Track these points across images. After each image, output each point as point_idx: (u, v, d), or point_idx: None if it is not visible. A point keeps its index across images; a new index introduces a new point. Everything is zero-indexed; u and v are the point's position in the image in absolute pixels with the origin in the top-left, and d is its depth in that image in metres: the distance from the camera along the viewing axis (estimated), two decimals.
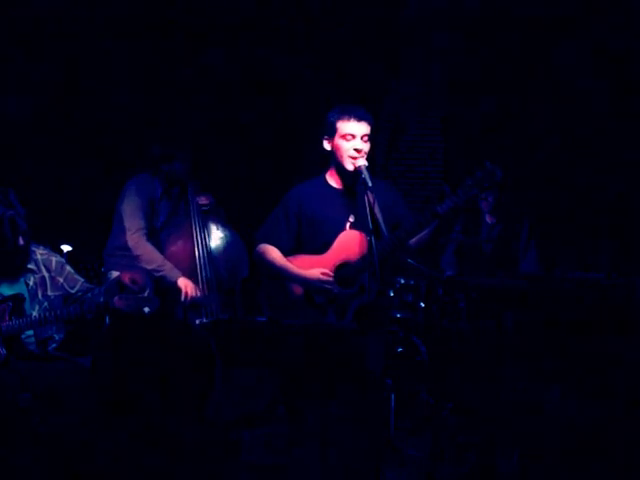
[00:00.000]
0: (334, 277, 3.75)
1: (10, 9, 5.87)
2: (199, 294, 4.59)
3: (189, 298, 4.55)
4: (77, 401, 3.86)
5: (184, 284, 4.56)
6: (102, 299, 3.95)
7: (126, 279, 3.97)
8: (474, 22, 6.74)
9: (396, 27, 6.94)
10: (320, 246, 3.80)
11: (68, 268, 4.13)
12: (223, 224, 4.88)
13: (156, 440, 4.23)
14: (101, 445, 3.98)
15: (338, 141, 3.79)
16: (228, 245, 4.84)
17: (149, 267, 4.57)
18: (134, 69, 6.21)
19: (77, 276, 4.15)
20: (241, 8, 6.43)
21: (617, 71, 6.30)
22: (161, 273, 4.57)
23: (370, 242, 3.59)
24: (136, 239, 4.63)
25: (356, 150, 3.75)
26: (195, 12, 6.32)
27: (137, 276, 4.01)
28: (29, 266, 4.02)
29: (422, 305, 5.32)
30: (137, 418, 4.32)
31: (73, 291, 4.09)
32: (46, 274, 4.05)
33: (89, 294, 4.07)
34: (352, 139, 3.76)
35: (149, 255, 4.61)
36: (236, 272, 4.81)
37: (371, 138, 3.81)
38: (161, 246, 4.72)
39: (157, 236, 4.75)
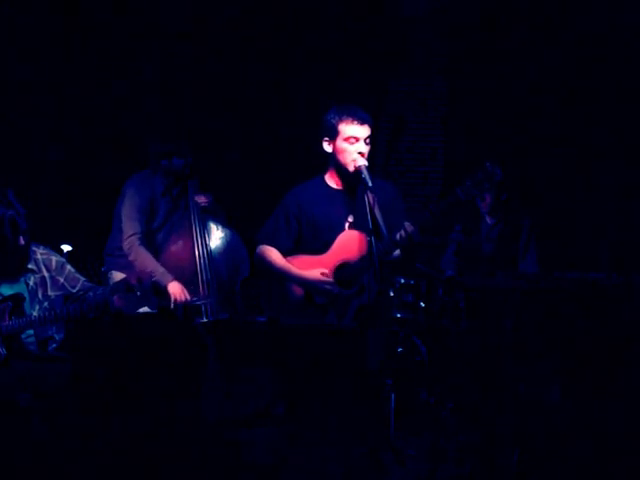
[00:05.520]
0: (334, 277, 3.74)
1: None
2: (189, 298, 4.57)
3: (178, 303, 4.53)
4: (75, 401, 3.87)
5: (173, 290, 4.54)
6: (105, 298, 3.95)
7: (133, 280, 3.97)
8: (474, 22, 6.74)
9: (396, 27, 6.94)
10: (320, 246, 3.80)
11: (69, 267, 4.13)
12: (223, 224, 4.88)
13: (155, 440, 4.23)
14: (100, 445, 3.98)
15: (341, 144, 3.78)
16: (228, 245, 4.84)
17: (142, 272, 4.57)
18: (133, 69, 6.21)
19: (78, 275, 4.14)
20: (241, 6, 6.43)
21: (618, 71, 6.30)
22: (154, 278, 4.57)
23: (370, 242, 3.59)
24: (130, 244, 4.62)
25: (360, 153, 3.75)
26: (193, 10, 6.32)
27: (144, 276, 4.03)
28: (29, 266, 4.02)
29: (422, 305, 5.32)
30: (136, 418, 4.32)
31: (74, 290, 4.09)
32: (46, 274, 4.05)
33: (90, 293, 4.07)
34: (355, 142, 3.76)
35: (142, 260, 4.60)
36: (236, 272, 4.81)
37: (372, 139, 3.81)
38: (158, 247, 4.71)
39: (156, 236, 4.75)
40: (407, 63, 7.13)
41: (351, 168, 3.77)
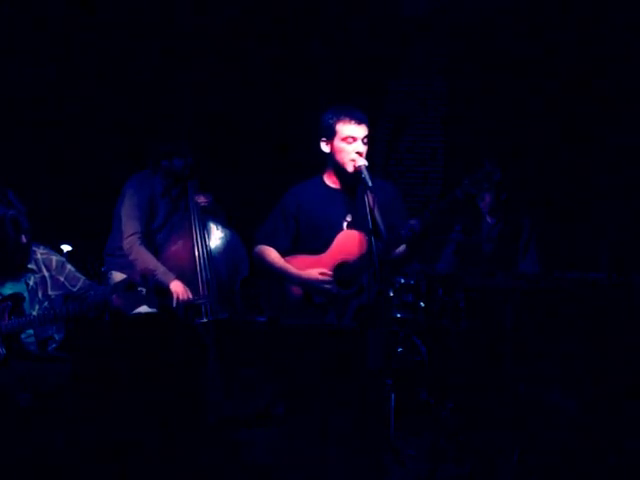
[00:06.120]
0: (333, 277, 3.74)
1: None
2: (191, 297, 4.58)
3: (180, 301, 4.53)
4: (75, 401, 3.87)
5: (175, 288, 4.55)
6: (105, 298, 3.95)
7: (137, 276, 3.97)
8: (474, 22, 6.74)
9: (396, 27, 6.94)
10: (319, 246, 3.80)
11: (69, 267, 4.13)
12: (223, 224, 4.88)
13: (155, 440, 4.23)
14: (100, 445, 3.98)
15: (339, 144, 3.78)
16: (228, 245, 4.84)
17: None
18: (134, 69, 6.21)
19: (78, 274, 4.15)
20: (242, 7, 6.43)
21: (618, 70, 6.30)
22: (155, 277, 4.57)
23: (370, 242, 3.59)
24: (130, 243, 4.63)
25: (358, 153, 3.75)
26: (193, 10, 6.32)
27: (148, 274, 4.03)
28: (29, 266, 4.02)
29: (422, 305, 5.32)
30: (136, 417, 4.32)
31: (75, 289, 4.09)
32: (46, 273, 4.06)
33: (91, 292, 4.06)
34: (353, 142, 3.76)
35: (143, 260, 4.60)
36: (236, 272, 4.81)
37: (369, 139, 3.82)
38: (158, 247, 4.72)
39: (156, 236, 4.75)
40: (407, 63, 7.14)
41: (349, 168, 3.77)
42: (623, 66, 6.27)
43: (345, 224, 3.80)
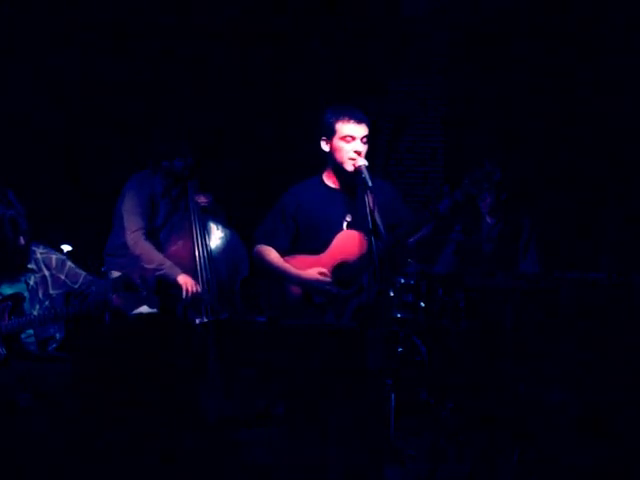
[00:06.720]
0: (332, 277, 3.74)
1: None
2: (199, 290, 4.59)
3: (190, 294, 4.54)
4: (75, 401, 3.87)
5: (184, 281, 4.56)
6: (104, 297, 3.95)
7: (136, 277, 3.96)
8: (474, 22, 6.74)
9: (396, 27, 6.94)
10: (318, 246, 3.80)
11: (69, 264, 4.11)
12: (223, 224, 4.88)
13: (155, 440, 4.24)
14: (99, 445, 3.98)
15: (338, 143, 3.78)
16: (228, 245, 4.84)
17: (149, 266, 4.57)
18: (134, 69, 6.21)
19: (79, 270, 4.13)
20: (241, 7, 6.44)
21: (618, 71, 6.30)
22: (161, 272, 4.57)
23: (370, 242, 3.58)
24: (135, 238, 4.63)
25: (356, 152, 3.75)
26: (194, 10, 6.33)
27: (148, 275, 4.02)
28: (29, 266, 4.02)
29: (422, 305, 5.33)
30: (136, 417, 4.32)
31: (76, 286, 4.08)
32: (47, 272, 4.05)
33: (93, 287, 4.05)
34: (352, 141, 3.76)
35: (148, 254, 4.60)
36: (236, 272, 4.81)
37: (368, 139, 3.82)
38: (160, 246, 4.72)
39: (157, 235, 4.75)
40: (407, 63, 7.14)
41: (348, 167, 3.77)
42: (623, 66, 6.27)
43: (345, 224, 3.80)
